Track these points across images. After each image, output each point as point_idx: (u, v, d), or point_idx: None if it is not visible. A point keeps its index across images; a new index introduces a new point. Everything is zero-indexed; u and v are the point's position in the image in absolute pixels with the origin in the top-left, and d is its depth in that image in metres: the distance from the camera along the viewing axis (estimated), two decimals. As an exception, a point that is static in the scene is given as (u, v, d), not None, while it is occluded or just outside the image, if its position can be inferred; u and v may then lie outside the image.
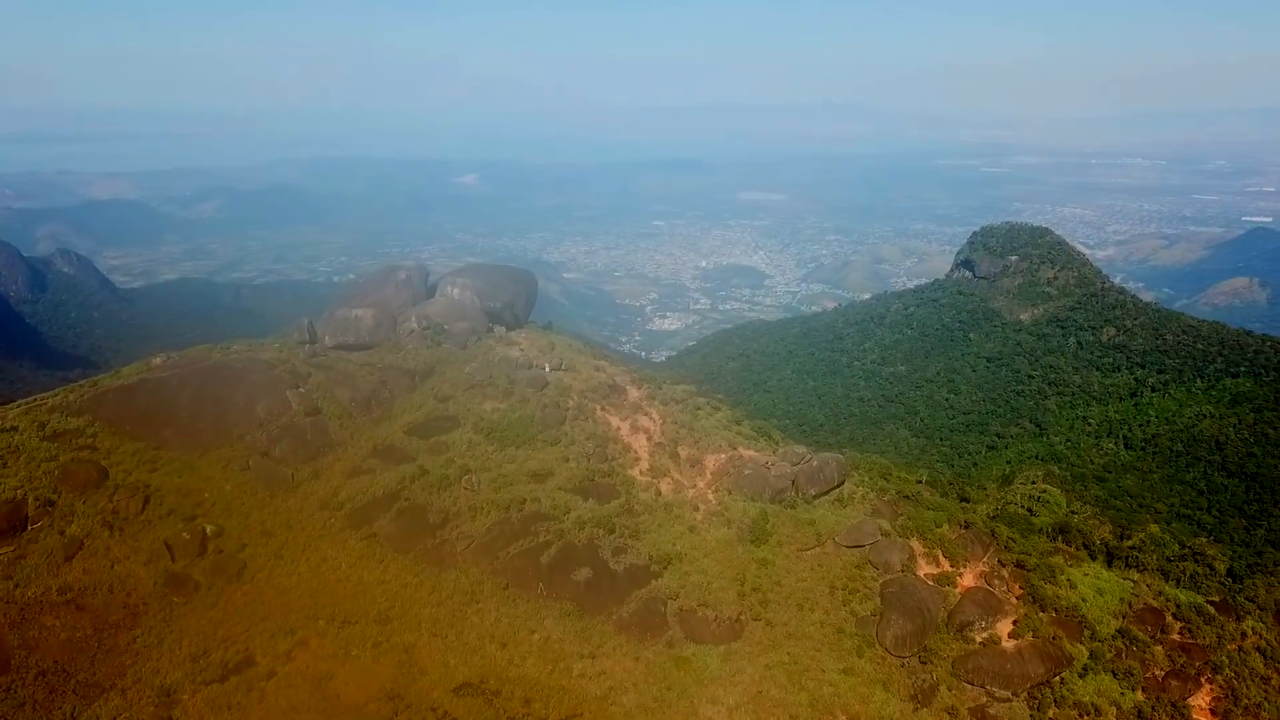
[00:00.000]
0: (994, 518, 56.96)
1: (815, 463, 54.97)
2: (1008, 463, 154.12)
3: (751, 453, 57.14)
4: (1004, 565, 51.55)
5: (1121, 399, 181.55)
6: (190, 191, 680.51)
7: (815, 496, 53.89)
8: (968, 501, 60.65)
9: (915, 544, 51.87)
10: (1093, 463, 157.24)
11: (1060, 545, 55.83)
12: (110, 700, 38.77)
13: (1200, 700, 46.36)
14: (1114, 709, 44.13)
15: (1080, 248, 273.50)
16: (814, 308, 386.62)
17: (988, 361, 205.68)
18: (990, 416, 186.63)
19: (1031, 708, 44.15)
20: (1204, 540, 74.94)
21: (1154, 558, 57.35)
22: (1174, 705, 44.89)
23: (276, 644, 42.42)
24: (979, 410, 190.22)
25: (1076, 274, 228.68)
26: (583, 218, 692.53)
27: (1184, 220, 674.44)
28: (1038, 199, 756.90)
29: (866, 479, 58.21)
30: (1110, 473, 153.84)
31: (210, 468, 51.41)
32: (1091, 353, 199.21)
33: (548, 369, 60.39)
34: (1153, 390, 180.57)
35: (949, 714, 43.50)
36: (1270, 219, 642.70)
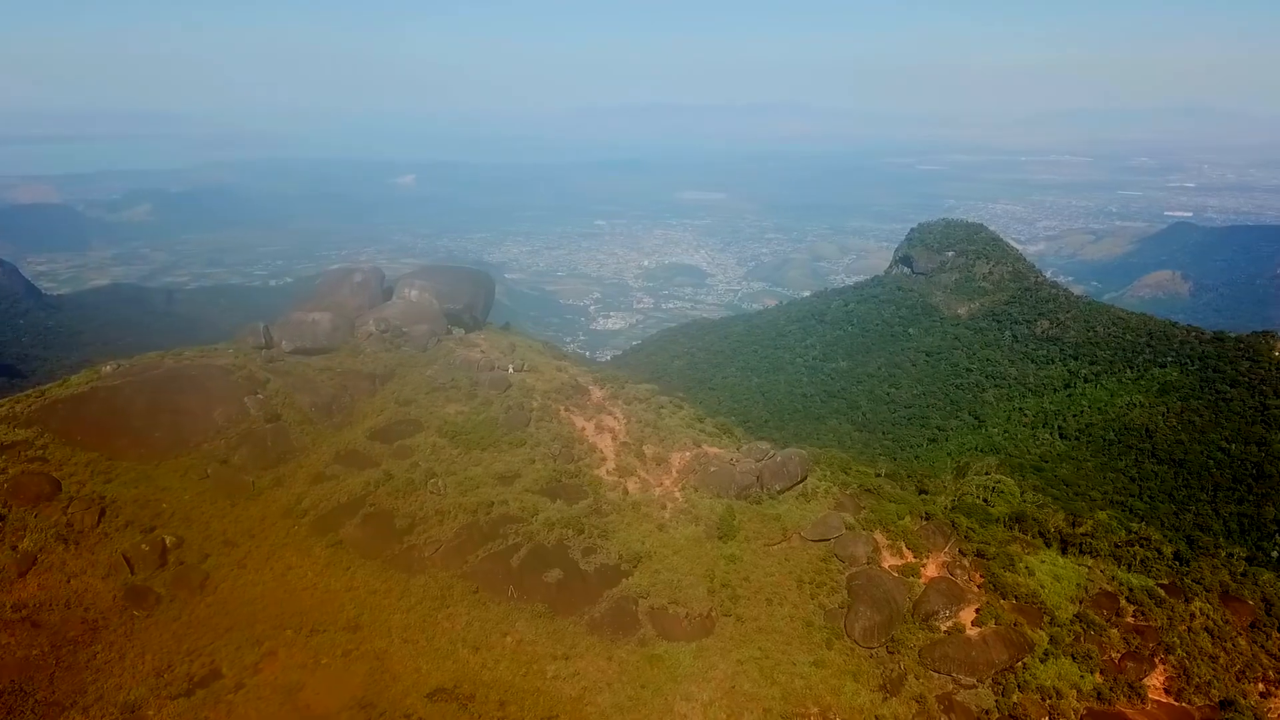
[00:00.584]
0: (952, 509, 58.27)
1: (779, 458, 55.64)
2: (948, 454, 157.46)
3: (716, 450, 57.62)
4: (965, 555, 52.79)
5: (1056, 390, 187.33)
6: (118, 195, 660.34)
7: (780, 492, 54.53)
8: (926, 493, 61.97)
9: (879, 536, 52.82)
10: (1030, 453, 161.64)
11: (1017, 534, 57.34)
12: (72, 718, 37.61)
13: (1155, 680, 48.03)
14: (1074, 692, 45.47)
15: (1012, 243, 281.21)
16: (755, 306, 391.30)
17: (927, 356, 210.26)
18: (930, 409, 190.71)
19: (996, 693, 45.27)
20: (1147, 525, 77.53)
21: (1105, 544, 59.25)
22: (1131, 686, 46.43)
23: (243, 655, 41.50)
24: (919, 404, 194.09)
25: (1011, 269, 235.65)
26: (524, 218, 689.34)
27: (1110, 215, 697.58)
28: (971, 195, 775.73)
29: (828, 473, 59.11)
30: (1047, 462, 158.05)
31: (168, 477, 50.11)
32: (1026, 345, 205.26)
33: (510, 370, 60.09)
34: (1085, 381, 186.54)
35: (917, 702, 44.37)
36: (1191, 214, 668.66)
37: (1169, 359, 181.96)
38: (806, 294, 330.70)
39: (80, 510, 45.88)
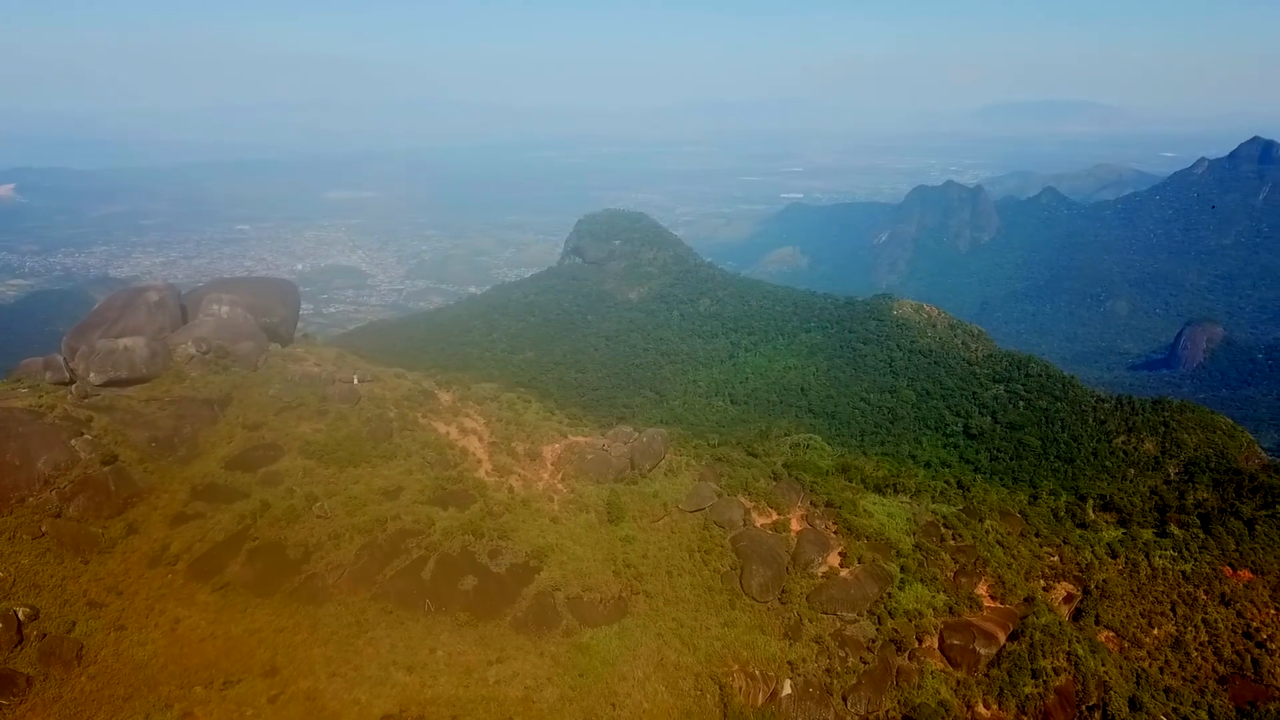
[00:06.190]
0: (787, 466, 64.01)
1: (645, 439, 58.27)
2: (637, 432, 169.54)
3: (584, 439, 59.04)
4: (816, 506, 58.61)
5: (723, 361, 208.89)
6: None
7: (650, 470, 57.19)
8: (755, 456, 67.29)
9: (743, 499, 57.18)
10: (708, 420, 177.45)
11: (845, 482, 64.29)
12: (-27, 835, 32.19)
13: (982, 589, 56.63)
14: (931, 611, 52.67)
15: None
16: (423, 304, 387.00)
17: (607, 339, 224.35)
18: (616, 389, 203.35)
19: (874, 623, 51.32)
20: (909, 466, 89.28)
21: (910, 482, 68.11)
22: (970, 598, 54.54)
23: (155, 723, 37.40)
24: (606, 385, 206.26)
25: (672, 253, 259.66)
26: (152, 226, 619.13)
27: (736, 200, 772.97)
28: (615, 186, 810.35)
29: (681, 448, 62.63)
30: (724, 427, 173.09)
31: (-7, 542, 42.99)
32: (693, 323, 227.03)
33: (356, 382, 57.19)
34: (746, 351, 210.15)
35: (817, 643, 49.37)
36: (801, 195, 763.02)
37: (813, 324, 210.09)
38: (474, 289, 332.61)
39: (-101, 595, 38.40)
